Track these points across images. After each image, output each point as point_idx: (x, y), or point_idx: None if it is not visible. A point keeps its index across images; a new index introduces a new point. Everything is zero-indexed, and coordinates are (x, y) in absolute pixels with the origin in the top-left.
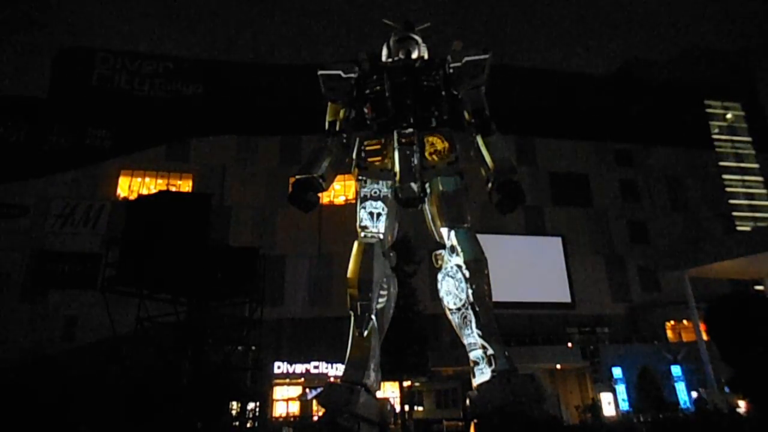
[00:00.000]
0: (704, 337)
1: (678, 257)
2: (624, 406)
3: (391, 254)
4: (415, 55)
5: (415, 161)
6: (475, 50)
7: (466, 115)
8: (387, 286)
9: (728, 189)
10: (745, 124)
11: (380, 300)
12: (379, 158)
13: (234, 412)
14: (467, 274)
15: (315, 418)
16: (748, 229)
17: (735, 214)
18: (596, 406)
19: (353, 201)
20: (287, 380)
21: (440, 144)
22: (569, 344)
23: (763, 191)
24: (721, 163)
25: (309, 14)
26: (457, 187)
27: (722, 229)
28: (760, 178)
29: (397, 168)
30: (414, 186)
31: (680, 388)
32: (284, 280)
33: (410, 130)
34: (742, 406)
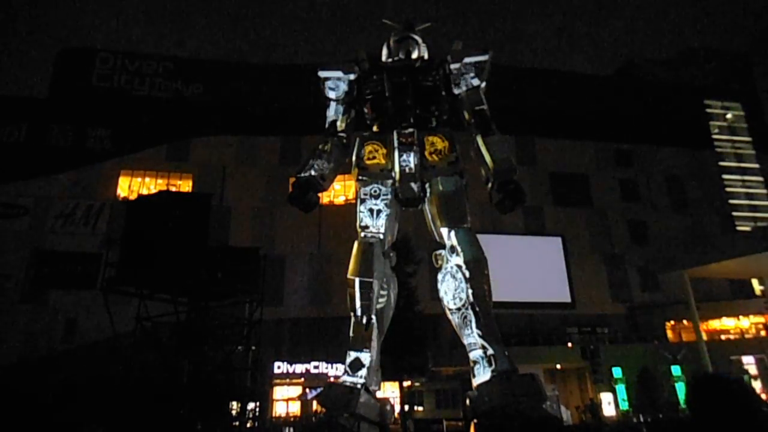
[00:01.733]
0: (704, 337)
1: (678, 257)
2: (624, 406)
3: (391, 254)
4: (415, 55)
5: (415, 161)
6: (476, 50)
7: (466, 115)
8: (387, 286)
9: (728, 189)
10: (745, 124)
11: (380, 300)
12: (379, 158)
13: (234, 412)
14: (467, 274)
15: (314, 419)
16: (748, 229)
17: (735, 214)
18: (596, 406)
19: (353, 201)
20: (287, 380)
21: (440, 144)
22: (569, 344)
23: (763, 191)
24: (721, 163)
25: (309, 14)
26: (457, 187)
27: (722, 229)
28: (760, 178)
29: (397, 168)
30: (414, 186)
31: (680, 388)
32: (284, 280)
33: (410, 130)
34: None
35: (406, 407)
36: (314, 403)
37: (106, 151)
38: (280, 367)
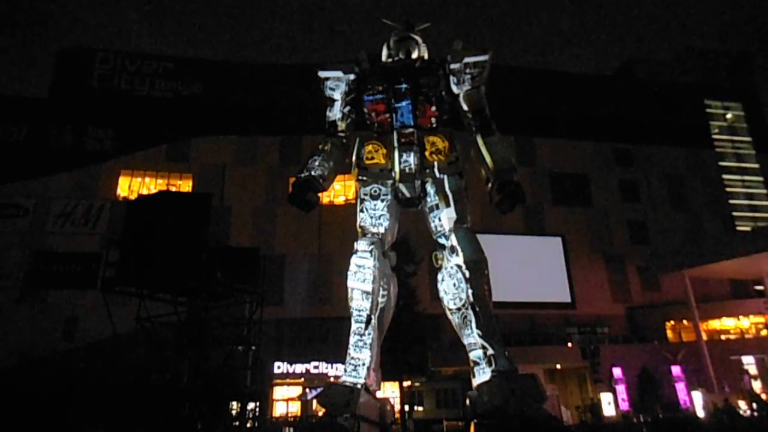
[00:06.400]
0: (704, 336)
1: (678, 257)
2: (624, 406)
3: (391, 254)
4: (415, 55)
5: (416, 161)
6: (475, 50)
7: (466, 115)
8: (387, 286)
9: (728, 189)
10: (745, 124)
11: (380, 300)
12: (378, 158)
13: (234, 412)
14: (467, 274)
15: (314, 419)
16: (748, 229)
17: (735, 214)
18: (596, 406)
19: (353, 201)
20: (287, 380)
21: (441, 144)
22: (569, 344)
23: (763, 191)
24: (721, 163)
25: (309, 14)
26: (458, 187)
27: (722, 229)
28: (760, 178)
29: (397, 168)
30: (414, 186)
31: (680, 388)
32: (284, 280)
33: (410, 130)
34: (742, 405)
35: (406, 407)
36: (314, 403)
37: (106, 151)
38: (280, 367)
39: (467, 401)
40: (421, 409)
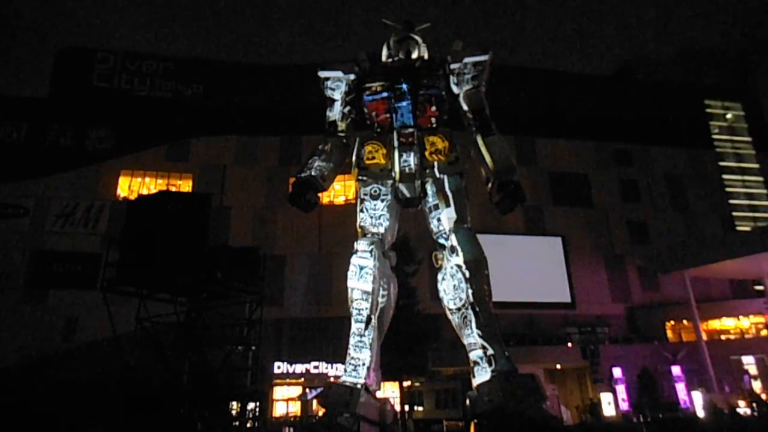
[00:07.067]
0: (704, 336)
1: (678, 257)
2: (624, 406)
3: (391, 254)
4: (415, 55)
5: (416, 161)
6: (476, 50)
7: (466, 115)
8: (387, 286)
9: (728, 189)
10: (745, 124)
11: (380, 300)
12: (378, 158)
13: (234, 412)
14: (467, 274)
15: (314, 419)
16: (748, 229)
17: (735, 214)
18: (596, 406)
19: (353, 201)
20: (287, 380)
21: (441, 143)
22: (569, 344)
23: (763, 191)
24: (721, 163)
25: (309, 14)
26: (458, 187)
27: (722, 229)
28: (760, 178)
29: (397, 168)
30: (414, 186)
31: (680, 388)
32: (284, 280)
33: (410, 130)
34: (742, 405)
35: (406, 407)
36: (314, 403)
37: (106, 151)
38: (280, 367)
39: (467, 401)
40: (421, 409)
